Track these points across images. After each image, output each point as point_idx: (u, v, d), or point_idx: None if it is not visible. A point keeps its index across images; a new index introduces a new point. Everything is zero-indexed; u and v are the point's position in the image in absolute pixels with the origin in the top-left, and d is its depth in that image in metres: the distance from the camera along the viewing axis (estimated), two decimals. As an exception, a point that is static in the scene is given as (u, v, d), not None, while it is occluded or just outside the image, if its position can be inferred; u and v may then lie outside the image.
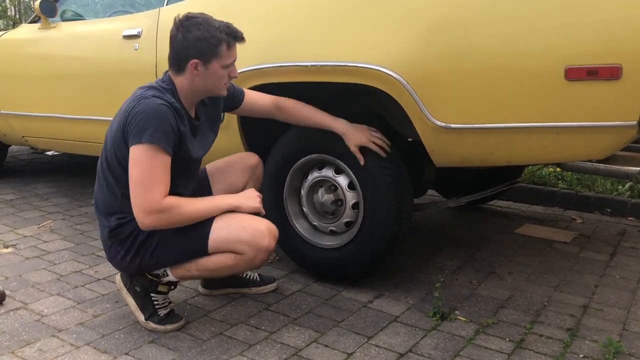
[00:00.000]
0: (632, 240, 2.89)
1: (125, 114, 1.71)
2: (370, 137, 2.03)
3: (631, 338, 1.88)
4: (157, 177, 1.67)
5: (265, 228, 1.77)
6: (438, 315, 1.98)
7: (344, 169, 2.15)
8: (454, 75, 1.81)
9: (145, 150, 1.65)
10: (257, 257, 1.77)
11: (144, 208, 1.66)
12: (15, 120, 3.41)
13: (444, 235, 2.93)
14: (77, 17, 3.22)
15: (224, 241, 1.75)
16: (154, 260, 1.80)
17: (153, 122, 1.66)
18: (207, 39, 1.72)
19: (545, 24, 1.69)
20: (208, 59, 1.74)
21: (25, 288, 2.18)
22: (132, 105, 1.71)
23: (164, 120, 1.67)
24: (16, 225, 2.95)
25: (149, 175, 1.66)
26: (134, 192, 1.68)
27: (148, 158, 1.66)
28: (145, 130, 1.65)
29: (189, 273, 1.83)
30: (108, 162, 1.79)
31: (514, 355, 1.76)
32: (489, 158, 1.92)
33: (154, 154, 1.66)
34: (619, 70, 1.61)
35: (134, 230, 1.78)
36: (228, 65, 1.78)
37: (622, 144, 1.74)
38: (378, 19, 1.94)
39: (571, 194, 3.49)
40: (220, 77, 1.79)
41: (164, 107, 1.69)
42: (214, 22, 1.75)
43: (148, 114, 1.66)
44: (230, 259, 1.77)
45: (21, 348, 1.75)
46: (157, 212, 1.66)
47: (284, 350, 1.77)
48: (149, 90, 1.74)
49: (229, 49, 1.76)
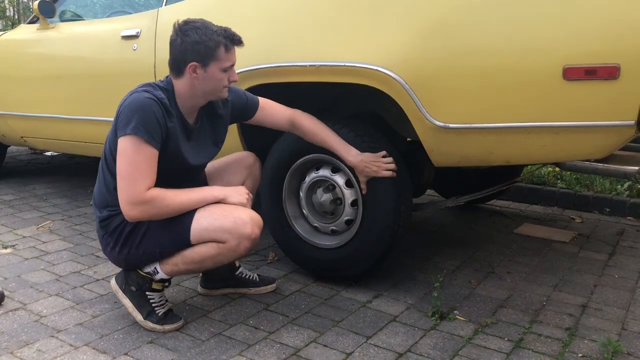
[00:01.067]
0: (630, 239, 2.89)
1: (117, 109, 1.76)
2: (381, 166, 2.02)
3: (630, 337, 1.88)
4: (141, 170, 1.69)
5: (248, 216, 1.78)
6: (437, 315, 1.98)
7: (340, 167, 2.15)
8: (452, 75, 1.81)
9: (129, 141, 1.69)
10: (241, 245, 1.77)
11: (128, 200, 1.70)
12: (14, 120, 3.41)
13: (443, 235, 2.93)
14: (76, 17, 3.22)
15: (206, 230, 1.77)
16: (140, 252, 1.83)
17: (138, 114, 1.69)
18: (205, 42, 1.74)
19: (544, 24, 1.69)
20: (206, 62, 1.76)
21: (24, 288, 2.18)
22: (123, 99, 1.76)
23: (149, 112, 1.70)
24: (15, 226, 2.95)
25: (133, 168, 1.69)
26: (120, 186, 1.72)
27: (132, 150, 1.69)
28: (130, 122, 1.68)
29: (177, 268, 1.85)
30: (105, 157, 1.85)
31: (512, 354, 1.76)
32: (487, 158, 1.92)
33: (138, 146, 1.69)
34: (617, 70, 1.62)
35: (122, 222, 1.81)
36: (226, 68, 1.80)
37: (620, 144, 1.74)
38: (376, 19, 1.94)
39: (570, 194, 3.50)
40: (219, 80, 1.80)
41: (150, 100, 1.71)
42: (212, 27, 1.77)
43: (134, 106, 1.70)
44: (213, 249, 1.79)
45: (20, 348, 1.75)
46: (140, 203, 1.69)
47: (283, 350, 1.77)
48: (141, 86, 1.78)
49: (227, 51, 1.78)
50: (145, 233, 1.81)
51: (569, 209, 3.47)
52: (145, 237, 1.81)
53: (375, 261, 2.15)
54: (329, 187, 2.23)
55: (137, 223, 1.80)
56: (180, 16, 2.50)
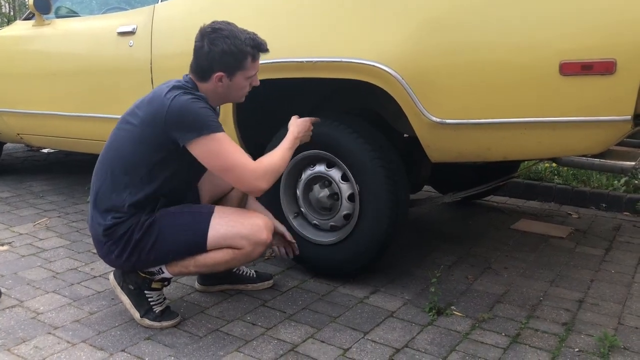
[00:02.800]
0: (627, 235, 2.90)
1: (161, 113, 1.71)
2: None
3: (626, 332, 1.89)
4: (237, 154, 1.75)
5: (263, 222, 1.83)
6: (434, 311, 1.99)
7: (335, 162, 2.15)
8: (449, 71, 1.81)
9: (208, 141, 1.72)
10: (255, 251, 1.81)
11: (254, 178, 1.76)
12: (10, 117, 3.40)
13: (440, 231, 2.93)
14: (72, 14, 3.21)
15: (223, 237, 1.79)
16: (151, 257, 1.80)
17: (197, 115, 1.72)
18: (234, 53, 1.75)
19: (540, 19, 1.69)
20: (233, 72, 1.78)
21: (20, 286, 2.18)
22: (166, 104, 1.71)
23: (204, 108, 1.74)
24: (12, 223, 2.94)
25: (232, 156, 1.74)
26: (233, 177, 1.76)
27: (217, 145, 1.72)
28: (195, 125, 1.70)
29: (186, 270, 1.84)
30: (124, 160, 1.78)
31: (509, 349, 1.77)
32: (484, 153, 1.93)
33: (218, 139, 1.72)
34: (613, 65, 1.62)
35: (130, 229, 1.78)
36: (252, 76, 1.83)
37: (617, 139, 1.74)
38: (373, 15, 1.94)
39: (567, 190, 3.50)
40: (243, 87, 1.85)
41: (196, 99, 1.74)
42: (240, 35, 1.76)
43: (189, 109, 1.71)
44: (229, 254, 1.80)
45: (17, 345, 1.75)
46: (263, 175, 1.78)
47: (280, 346, 1.77)
48: (174, 89, 1.75)
49: (253, 61, 1.80)
50: (157, 238, 1.78)
51: (565, 204, 3.48)
52: (157, 242, 1.78)
53: (373, 257, 2.15)
54: (325, 183, 2.23)
55: (147, 229, 1.76)
56: (176, 13, 2.50)
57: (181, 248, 1.80)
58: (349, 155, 2.08)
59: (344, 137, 2.08)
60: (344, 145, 2.08)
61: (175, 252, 1.81)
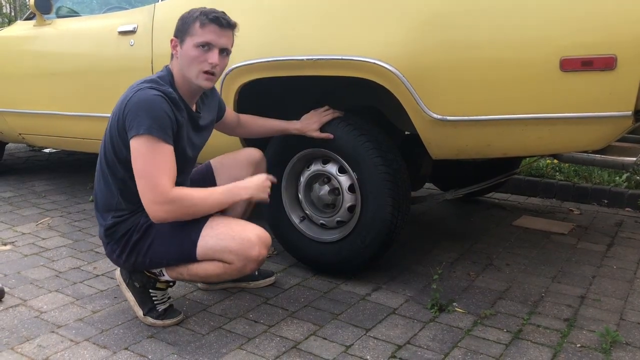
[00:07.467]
0: (629, 230, 2.90)
1: (122, 106, 1.70)
2: (321, 117, 2.13)
3: (628, 327, 1.89)
4: (160, 168, 1.64)
5: (256, 236, 1.71)
6: (436, 307, 1.99)
7: (331, 157, 2.17)
8: (449, 68, 1.81)
9: (144, 141, 1.64)
10: (247, 267, 1.73)
11: (153, 200, 1.64)
12: (11, 117, 3.40)
13: (442, 228, 2.93)
14: (73, 13, 3.21)
15: (212, 249, 1.72)
16: (147, 261, 1.80)
17: (149, 112, 1.64)
18: (184, 17, 1.77)
19: (540, 15, 1.69)
20: (183, 37, 1.76)
21: (24, 285, 2.19)
22: (128, 97, 1.70)
23: (160, 109, 1.66)
24: (14, 223, 2.95)
25: (152, 167, 1.64)
26: (141, 186, 1.66)
27: (148, 149, 1.64)
28: (142, 122, 1.64)
29: (182, 276, 1.83)
30: (106, 158, 1.79)
31: (511, 345, 1.77)
32: (485, 150, 1.93)
33: (154, 144, 1.64)
34: (613, 61, 1.61)
35: (129, 229, 1.78)
36: (200, 44, 1.72)
37: (617, 135, 1.74)
38: (373, 11, 1.94)
39: (568, 186, 3.50)
40: (194, 58, 1.73)
41: (158, 97, 1.67)
42: (204, 8, 1.77)
43: (143, 105, 1.65)
44: (219, 268, 1.74)
45: (21, 344, 1.75)
46: (166, 203, 1.64)
47: (282, 343, 1.78)
48: (144, 82, 1.74)
49: (201, 27, 1.72)
50: (152, 243, 1.77)
51: (567, 200, 3.48)
52: (152, 247, 1.77)
53: (375, 254, 2.15)
54: (324, 180, 2.24)
55: (145, 232, 1.77)
56: (177, 11, 2.50)
57: (173, 255, 1.78)
58: (343, 146, 2.10)
59: (344, 136, 2.09)
60: (338, 137, 2.10)
61: (169, 258, 1.79)
